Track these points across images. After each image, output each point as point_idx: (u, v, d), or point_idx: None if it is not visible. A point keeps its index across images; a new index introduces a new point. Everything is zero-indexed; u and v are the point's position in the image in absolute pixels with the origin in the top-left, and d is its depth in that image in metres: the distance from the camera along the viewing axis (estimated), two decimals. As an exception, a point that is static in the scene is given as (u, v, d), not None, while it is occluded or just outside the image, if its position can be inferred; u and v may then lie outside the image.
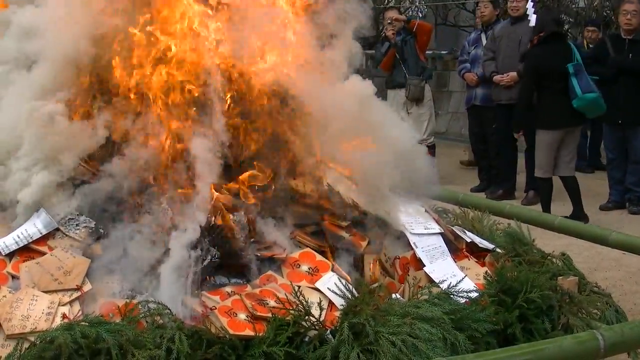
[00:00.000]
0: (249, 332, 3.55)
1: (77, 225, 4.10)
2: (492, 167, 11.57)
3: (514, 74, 10.70)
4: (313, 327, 3.58)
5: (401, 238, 4.49)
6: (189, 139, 4.27)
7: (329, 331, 3.57)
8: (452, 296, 3.93)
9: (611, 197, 10.50)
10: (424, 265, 4.30)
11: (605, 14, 17.68)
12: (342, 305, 3.76)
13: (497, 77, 10.92)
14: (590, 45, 12.94)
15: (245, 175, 4.35)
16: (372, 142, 4.51)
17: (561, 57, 9.53)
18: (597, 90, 9.39)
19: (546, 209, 9.71)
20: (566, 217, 7.62)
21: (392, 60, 11.88)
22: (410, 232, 4.47)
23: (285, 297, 3.73)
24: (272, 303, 3.73)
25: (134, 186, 4.20)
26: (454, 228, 4.80)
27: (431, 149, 11.15)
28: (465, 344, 3.56)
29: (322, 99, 4.46)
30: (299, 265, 4.14)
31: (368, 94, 4.73)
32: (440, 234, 4.56)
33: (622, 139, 10.18)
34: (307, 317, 3.59)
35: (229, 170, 4.36)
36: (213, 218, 4.12)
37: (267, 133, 4.49)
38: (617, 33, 10.34)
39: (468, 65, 11.74)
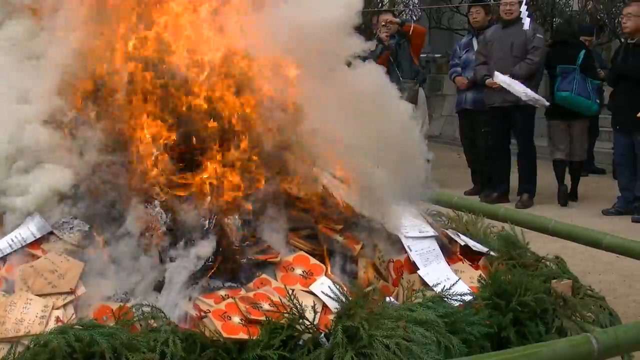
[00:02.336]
0: (243, 336, 3.55)
1: (71, 228, 4.10)
2: (484, 171, 11.60)
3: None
4: (307, 331, 3.57)
5: (395, 241, 4.49)
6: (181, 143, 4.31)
7: (322, 334, 3.57)
8: (446, 299, 3.92)
9: (617, 203, 10.51)
10: (418, 269, 4.30)
11: (598, 17, 17.73)
12: (336, 308, 3.76)
13: (489, 81, 10.95)
14: None
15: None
16: (367, 145, 4.51)
17: (562, 59, 10.85)
18: (571, 90, 10.60)
19: (561, 186, 11.19)
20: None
21: (386, 64, 11.85)
22: (405, 236, 4.47)
23: (280, 300, 3.72)
24: (266, 306, 3.73)
25: (128, 190, 4.19)
26: (448, 231, 4.80)
27: (424, 153, 11.16)
28: (459, 347, 3.56)
29: (316, 100, 4.47)
30: (293, 269, 4.14)
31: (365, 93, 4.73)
32: (434, 237, 4.56)
33: (630, 146, 10.18)
34: (301, 320, 3.59)
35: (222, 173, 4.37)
36: (207, 222, 4.12)
37: (261, 136, 4.49)
38: (628, 39, 10.46)
39: (459, 69, 11.80)
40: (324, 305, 3.89)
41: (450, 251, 4.58)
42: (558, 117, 11.12)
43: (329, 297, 3.87)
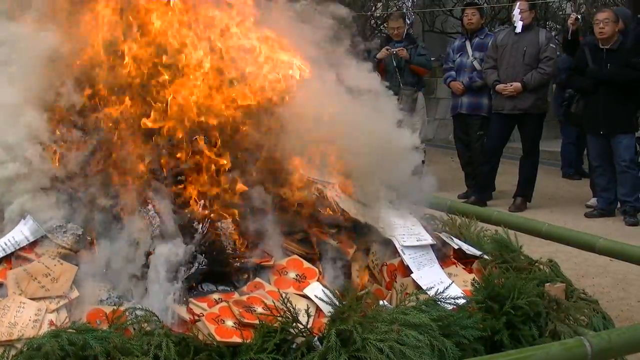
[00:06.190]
0: (236, 339, 3.55)
1: (64, 232, 4.09)
2: (478, 175, 11.57)
3: (517, 84, 10.64)
4: (300, 334, 3.57)
5: (389, 245, 4.49)
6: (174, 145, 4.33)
7: (316, 338, 3.57)
8: (439, 303, 3.92)
9: (598, 204, 10.54)
10: (412, 272, 4.30)
11: (592, 20, 17.77)
12: (330, 312, 3.76)
13: (500, 87, 10.80)
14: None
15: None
16: (364, 147, 4.52)
17: None
18: None
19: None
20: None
21: (382, 72, 11.68)
22: (402, 245, 4.46)
23: (273, 303, 3.72)
24: (259, 310, 3.73)
25: (121, 193, 4.19)
26: (441, 235, 4.80)
27: (420, 156, 11.13)
28: (453, 350, 3.56)
29: (313, 102, 4.47)
30: (287, 272, 4.14)
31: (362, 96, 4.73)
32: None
33: (606, 147, 10.21)
34: (294, 323, 3.59)
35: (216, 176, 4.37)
36: (200, 225, 4.12)
37: (255, 139, 4.50)
38: (595, 42, 10.35)
39: (453, 73, 11.69)
40: (318, 309, 3.89)
41: (444, 255, 4.58)
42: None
43: (323, 300, 3.87)
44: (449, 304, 3.95)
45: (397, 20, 12.46)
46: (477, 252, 4.70)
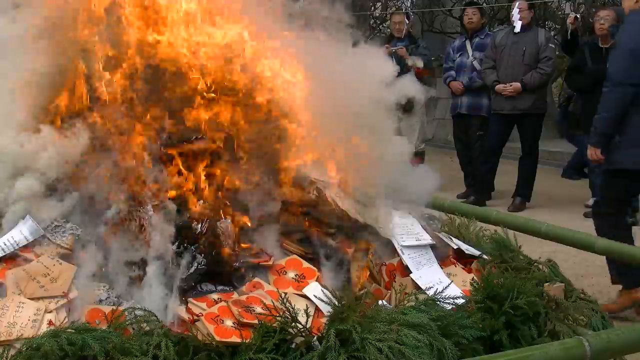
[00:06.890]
0: (235, 339, 3.54)
1: (63, 232, 4.09)
2: (477, 174, 11.59)
3: (517, 84, 10.62)
4: (300, 334, 3.57)
5: (388, 244, 4.49)
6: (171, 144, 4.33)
7: (315, 338, 3.56)
8: (438, 303, 3.92)
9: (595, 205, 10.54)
10: (411, 272, 4.30)
11: (590, 20, 17.77)
12: (329, 312, 3.75)
13: (499, 87, 10.78)
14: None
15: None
16: (363, 147, 4.52)
17: None
18: None
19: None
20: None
21: None
22: (401, 244, 4.46)
23: (272, 303, 3.72)
24: (258, 310, 3.73)
25: (120, 193, 4.19)
26: (440, 235, 4.80)
27: (421, 156, 11.16)
28: (452, 350, 3.56)
29: (312, 100, 4.47)
30: (286, 272, 4.14)
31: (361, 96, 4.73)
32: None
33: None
34: (293, 323, 3.58)
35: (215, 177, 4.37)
36: (199, 225, 4.12)
37: (254, 138, 4.50)
38: (595, 42, 10.33)
39: (453, 73, 11.70)
40: (317, 309, 3.88)
41: (443, 254, 4.58)
42: None
43: (322, 300, 3.87)
44: (448, 303, 3.95)
45: (399, 16, 12.50)
46: (476, 252, 4.70)
